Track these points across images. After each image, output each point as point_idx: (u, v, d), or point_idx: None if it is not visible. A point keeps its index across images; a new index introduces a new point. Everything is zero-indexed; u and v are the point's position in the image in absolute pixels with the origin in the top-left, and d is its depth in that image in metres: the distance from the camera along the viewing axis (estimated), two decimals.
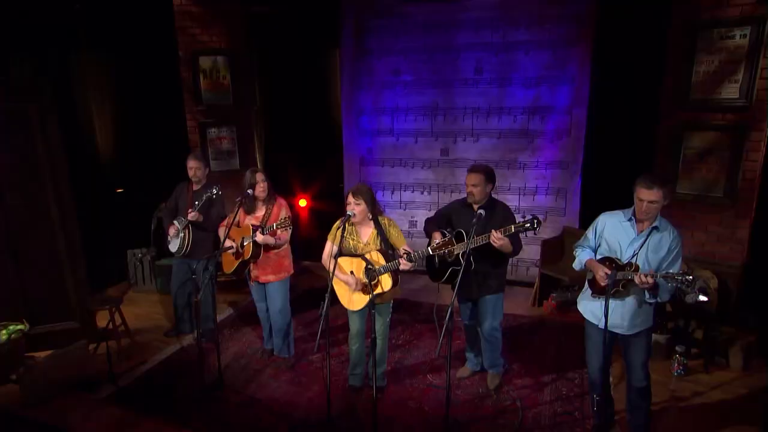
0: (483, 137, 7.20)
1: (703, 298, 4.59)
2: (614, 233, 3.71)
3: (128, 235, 7.20)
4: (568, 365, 5.12)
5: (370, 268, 4.06)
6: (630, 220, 3.67)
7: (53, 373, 4.81)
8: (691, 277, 3.28)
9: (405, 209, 7.77)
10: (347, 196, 4.19)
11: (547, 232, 6.81)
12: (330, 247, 4.34)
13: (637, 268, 3.53)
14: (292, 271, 5.06)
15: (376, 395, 3.91)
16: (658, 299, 3.56)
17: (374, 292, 4.02)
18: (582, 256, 3.87)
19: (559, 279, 6.29)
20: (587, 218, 6.45)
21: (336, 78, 7.70)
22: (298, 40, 7.58)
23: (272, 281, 4.94)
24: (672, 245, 3.55)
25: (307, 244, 7.58)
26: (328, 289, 3.76)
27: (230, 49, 7.25)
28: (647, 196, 3.49)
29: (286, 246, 5.02)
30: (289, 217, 4.61)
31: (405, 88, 7.42)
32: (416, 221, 7.74)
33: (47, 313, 5.47)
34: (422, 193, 7.67)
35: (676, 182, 5.64)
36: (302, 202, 8.01)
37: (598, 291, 3.73)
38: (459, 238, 4.23)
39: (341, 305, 4.45)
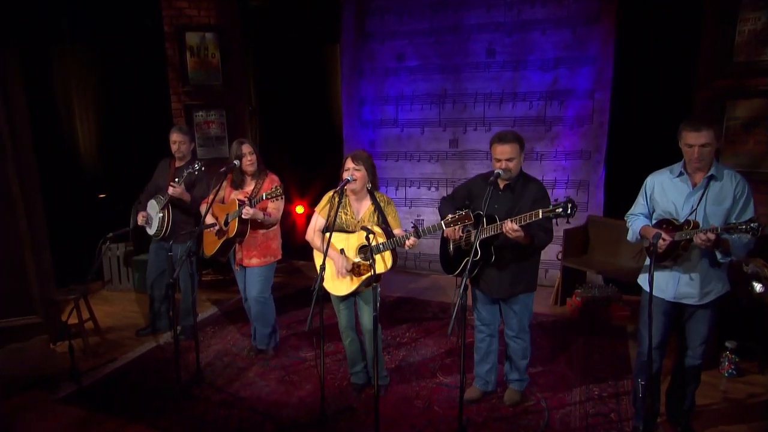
0: (496, 126, 6.88)
1: (758, 286, 4.20)
2: (666, 193, 3.45)
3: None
4: (600, 365, 4.78)
5: (366, 246, 3.73)
6: (681, 174, 3.40)
7: (7, 370, 4.50)
8: (756, 224, 2.91)
9: (410, 207, 7.46)
10: (345, 161, 3.94)
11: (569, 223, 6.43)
12: (317, 221, 4.08)
13: (696, 226, 3.22)
14: (279, 257, 4.83)
15: (377, 391, 3.58)
16: (733, 258, 3.27)
17: (371, 273, 3.69)
18: (635, 225, 3.59)
19: (584, 272, 6.03)
20: (612, 214, 6.21)
21: (335, 65, 7.54)
22: (294, 22, 7.47)
23: (255, 265, 4.69)
24: (737, 192, 3.26)
25: (301, 248, 7.22)
26: (322, 264, 3.60)
27: (220, 24, 7.07)
28: (696, 139, 3.22)
29: (276, 228, 4.80)
30: (280, 186, 4.34)
31: (410, 74, 7.22)
32: (422, 220, 7.44)
33: (7, 307, 5.11)
34: (429, 188, 7.38)
35: (719, 159, 5.25)
36: (299, 209, 7.79)
37: (660, 258, 3.38)
38: (480, 224, 3.77)
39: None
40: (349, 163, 3.89)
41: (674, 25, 5.65)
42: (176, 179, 4.95)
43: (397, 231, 3.89)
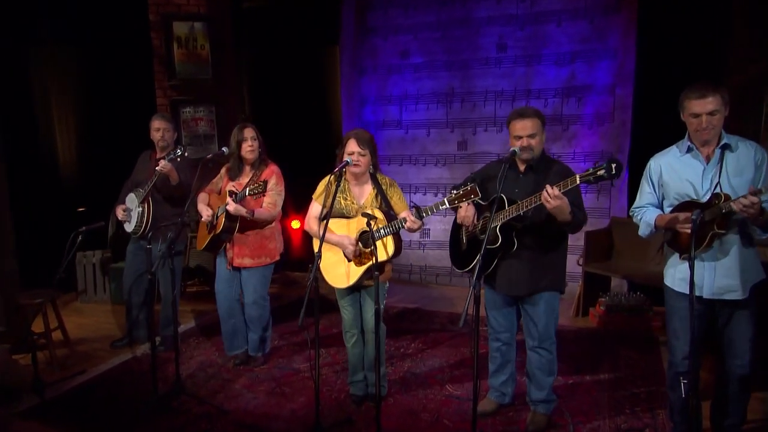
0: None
1: None
2: (678, 173, 3.22)
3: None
4: (630, 378, 4.52)
5: (366, 231, 3.59)
6: (690, 150, 3.19)
7: None
8: None
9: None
10: (346, 142, 3.79)
11: (589, 225, 6.18)
12: (313, 208, 3.99)
13: (727, 198, 2.96)
14: (277, 258, 4.67)
15: (379, 397, 3.40)
16: None
17: (373, 261, 3.48)
18: (648, 217, 3.34)
19: (608, 279, 5.88)
20: None
21: (334, 64, 7.47)
22: (289, 16, 7.40)
23: (248, 266, 4.55)
24: (758, 159, 3.06)
25: (297, 261, 7.46)
26: (318, 250, 3.46)
27: (210, 14, 6.98)
28: (703, 107, 3.03)
29: (273, 227, 4.63)
30: (266, 182, 4.18)
31: (415, 71, 7.13)
32: (428, 229, 7.26)
33: None
34: (435, 195, 7.23)
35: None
36: (295, 224, 7.62)
37: (687, 247, 3.05)
38: (498, 206, 3.47)
39: (338, 313, 4.09)
40: (353, 146, 3.74)
41: (701, 10, 5.52)
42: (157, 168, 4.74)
43: (403, 214, 3.69)
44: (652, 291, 5.40)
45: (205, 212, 4.47)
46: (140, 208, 4.88)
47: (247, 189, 4.13)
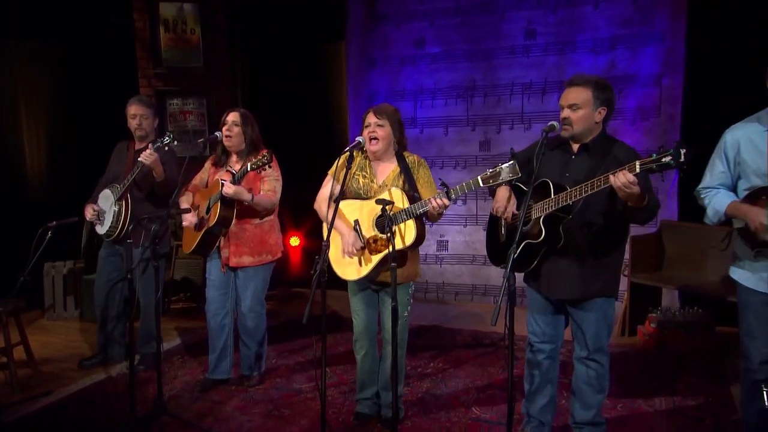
0: (537, 123, 6.64)
1: None
2: (758, 150, 3.06)
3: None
4: (692, 405, 4.32)
5: (382, 216, 3.41)
6: None
7: None
8: None
9: (431, 225, 7.01)
10: (365, 117, 3.74)
11: (635, 229, 6.02)
12: (329, 187, 3.83)
13: None
14: (279, 255, 4.60)
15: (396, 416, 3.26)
16: None
17: (388, 250, 3.36)
18: (717, 202, 3.18)
19: (658, 291, 5.79)
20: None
21: (340, 53, 7.42)
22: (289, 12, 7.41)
23: (247, 265, 4.45)
24: None
25: (296, 279, 7.51)
26: (326, 238, 3.32)
27: None
28: None
29: (272, 219, 4.56)
30: (271, 154, 4.07)
31: (432, 62, 7.08)
32: (446, 241, 7.15)
33: None
34: (455, 202, 6.93)
35: None
36: (294, 241, 7.67)
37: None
38: (542, 193, 3.32)
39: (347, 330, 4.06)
40: (370, 118, 3.69)
41: None
42: (139, 160, 4.60)
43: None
44: (711, 304, 5.29)
45: (191, 216, 4.39)
46: (116, 207, 4.75)
47: (249, 165, 4.03)
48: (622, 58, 6.29)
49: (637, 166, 2.88)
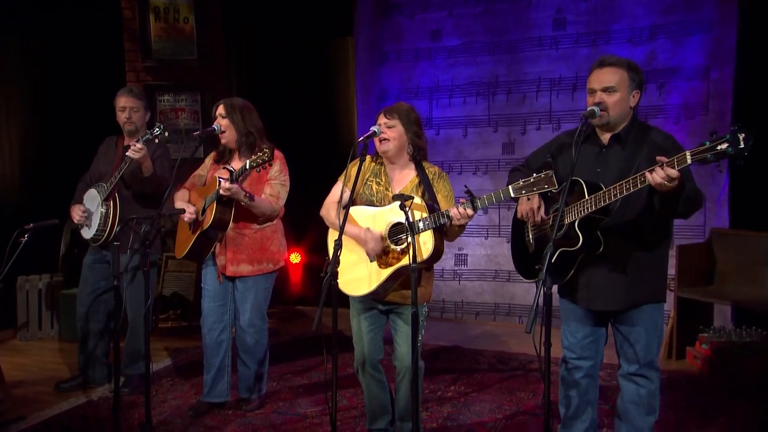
0: (567, 122, 6.54)
1: None
2: None
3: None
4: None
5: (399, 224, 3.48)
6: None
7: None
8: None
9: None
10: (376, 119, 3.75)
11: (681, 238, 6.05)
12: (338, 190, 3.86)
13: None
14: (281, 264, 4.56)
15: None
16: None
17: (401, 263, 3.46)
18: None
19: (709, 308, 5.69)
20: None
21: (348, 47, 7.42)
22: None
23: (246, 274, 4.39)
24: None
25: (299, 297, 7.50)
26: (337, 240, 3.27)
27: None
28: None
29: (275, 224, 4.50)
30: (272, 150, 3.96)
31: (449, 56, 7.06)
32: (465, 255, 7.08)
33: None
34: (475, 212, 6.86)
35: None
36: (295, 258, 7.60)
37: None
38: (574, 193, 3.26)
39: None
40: (380, 119, 3.69)
41: None
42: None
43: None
44: None
45: (188, 208, 4.32)
46: (103, 209, 4.73)
47: (248, 162, 3.95)
48: (663, 49, 6.23)
49: (688, 157, 2.76)
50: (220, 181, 4.08)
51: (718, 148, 2.66)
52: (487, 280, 6.89)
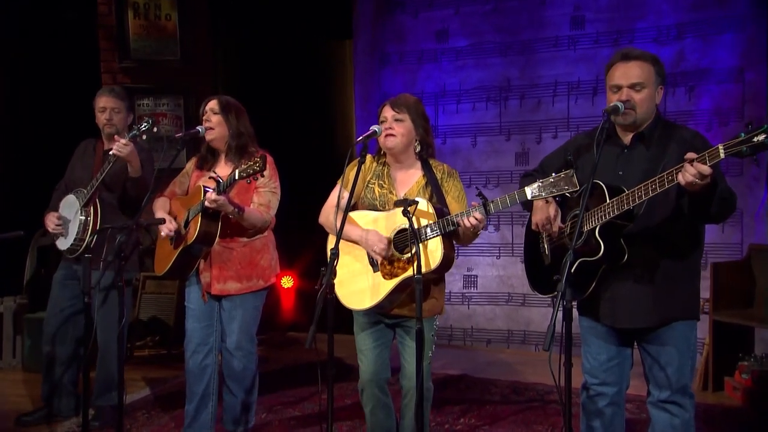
0: (586, 129, 6.37)
1: None
2: None
3: None
4: None
5: (402, 230, 3.48)
6: None
7: None
8: None
9: (457, 256, 6.91)
10: (380, 111, 3.74)
11: (716, 256, 6.00)
12: (336, 194, 3.82)
13: None
14: (272, 281, 4.46)
15: None
16: None
17: (407, 273, 3.42)
18: None
19: (749, 333, 5.62)
20: None
21: (346, 48, 7.47)
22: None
23: (233, 293, 4.28)
24: None
25: (291, 323, 7.53)
26: (334, 247, 3.26)
27: None
28: None
29: (266, 236, 4.40)
30: (264, 159, 3.87)
31: (457, 58, 7.09)
32: (475, 276, 7.03)
33: None
34: (485, 228, 6.71)
35: None
36: (287, 282, 7.57)
37: None
38: (594, 198, 3.25)
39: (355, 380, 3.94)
40: (387, 112, 3.65)
41: None
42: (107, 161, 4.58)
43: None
44: None
45: (168, 223, 4.21)
46: (82, 216, 4.67)
47: (237, 172, 3.88)
48: (692, 48, 6.26)
49: (722, 151, 2.76)
50: (205, 192, 4.01)
51: (755, 139, 2.66)
52: (500, 305, 6.86)
